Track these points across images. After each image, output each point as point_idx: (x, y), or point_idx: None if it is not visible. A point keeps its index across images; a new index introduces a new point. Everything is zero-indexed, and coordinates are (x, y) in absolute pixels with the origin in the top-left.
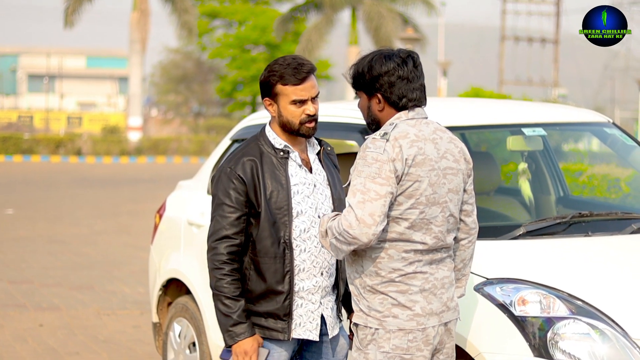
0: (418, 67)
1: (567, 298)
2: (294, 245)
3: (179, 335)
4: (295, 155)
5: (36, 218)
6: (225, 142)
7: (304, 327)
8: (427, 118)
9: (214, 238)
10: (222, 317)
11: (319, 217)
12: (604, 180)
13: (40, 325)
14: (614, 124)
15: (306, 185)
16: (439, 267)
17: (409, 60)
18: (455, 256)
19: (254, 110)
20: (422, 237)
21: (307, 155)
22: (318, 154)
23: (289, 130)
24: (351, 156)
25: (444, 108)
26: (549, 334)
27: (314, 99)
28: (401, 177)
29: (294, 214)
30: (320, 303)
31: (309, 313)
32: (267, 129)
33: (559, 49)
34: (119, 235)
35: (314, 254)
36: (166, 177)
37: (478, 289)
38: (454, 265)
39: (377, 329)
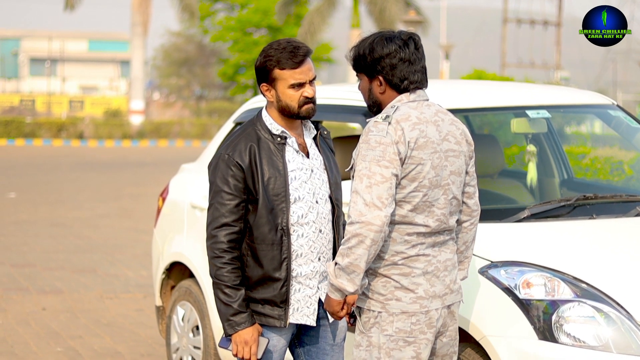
0: (419, 49)
1: (572, 281)
2: (291, 231)
3: (183, 319)
4: (292, 140)
5: (38, 202)
6: (229, 125)
7: (301, 312)
8: (428, 100)
9: (214, 226)
10: (223, 306)
11: (317, 202)
12: (607, 163)
13: (43, 309)
14: (618, 106)
15: (303, 171)
16: (441, 249)
17: (411, 42)
18: (457, 238)
19: (255, 94)
20: (425, 219)
21: (303, 140)
22: (314, 138)
23: (288, 114)
24: (354, 139)
25: (447, 90)
26: (553, 317)
27: (311, 82)
28: (404, 159)
29: (292, 200)
30: (318, 288)
31: (307, 298)
32: (264, 113)
33: (561, 31)
34: (121, 219)
35: (311, 239)
36: (168, 161)
37: (482, 272)
38: (457, 247)
39: (380, 312)
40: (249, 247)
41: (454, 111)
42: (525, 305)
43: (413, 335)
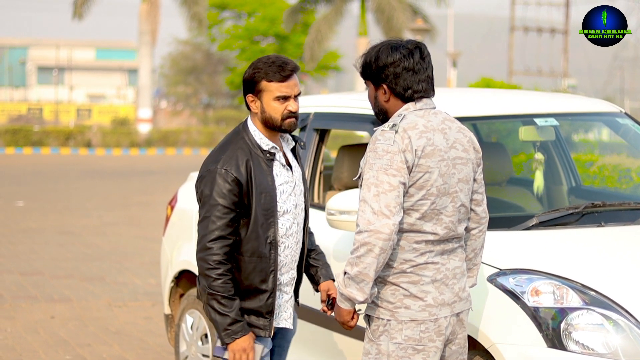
0: (425, 58)
1: (581, 288)
2: (279, 244)
3: (191, 327)
4: (279, 155)
5: (46, 210)
6: None
7: (281, 316)
8: (435, 108)
9: (209, 238)
10: (219, 316)
11: (298, 213)
12: (615, 171)
13: (51, 317)
14: (626, 114)
15: (289, 184)
16: (450, 257)
17: (416, 51)
18: (466, 246)
19: None
20: (433, 227)
21: (285, 152)
22: (293, 149)
23: (271, 126)
24: (362, 147)
25: (455, 98)
26: (562, 325)
27: (296, 97)
28: (412, 168)
29: (280, 213)
30: (292, 293)
31: (284, 303)
32: (252, 127)
33: (568, 39)
34: (129, 227)
35: (293, 249)
36: (176, 169)
37: (491, 279)
38: (465, 255)
39: (389, 320)
40: (235, 259)
41: (462, 119)
42: (533, 313)
43: (422, 343)
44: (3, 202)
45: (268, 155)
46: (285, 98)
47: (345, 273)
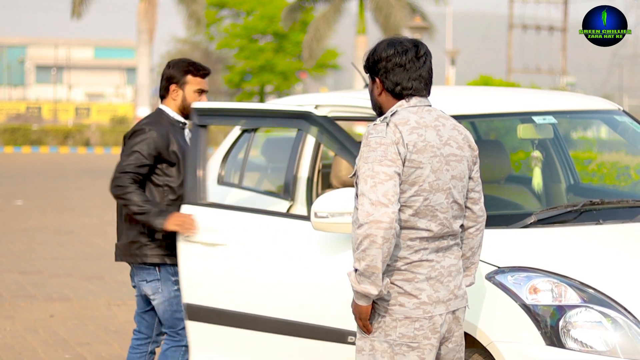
0: (420, 58)
1: (579, 286)
2: None
3: None
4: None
5: (46, 209)
6: (235, 131)
7: None
8: (430, 106)
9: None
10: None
11: None
12: (613, 168)
13: (50, 316)
14: (624, 111)
15: None
16: (445, 255)
17: (412, 49)
18: (463, 244)
19: (262, 100)
20: (427, 224)
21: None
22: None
23: (187, 113)
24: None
25: (453, 96)
26: (560, 323)
27: (205, 93)
28: (404, 161)
29: None
30: None
31: None
32: (174, 114)
33: (567, 36)
34: None
35: None
36: None
37: (489, 277)
38: (463, 253)
39: (383, 316)
40: None
41: (460, 117)
42: (532, 311)
43: (417, 341)
44: (2, 201)
45: (181, 125)
46: (202, 92)
47: (355, 270)
